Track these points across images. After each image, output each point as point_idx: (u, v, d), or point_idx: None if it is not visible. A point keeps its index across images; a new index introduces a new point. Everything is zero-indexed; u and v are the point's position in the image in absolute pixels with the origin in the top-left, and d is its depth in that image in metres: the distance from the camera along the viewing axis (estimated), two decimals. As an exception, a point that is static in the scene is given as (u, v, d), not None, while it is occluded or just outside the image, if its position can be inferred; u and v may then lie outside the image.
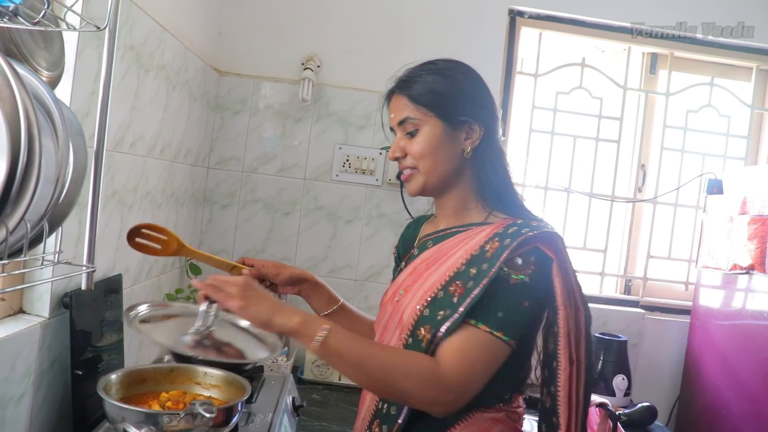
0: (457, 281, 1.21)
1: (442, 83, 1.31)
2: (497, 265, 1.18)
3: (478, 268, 1.20)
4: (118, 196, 1.76)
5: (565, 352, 1.21)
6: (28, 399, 1.38)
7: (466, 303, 1.17)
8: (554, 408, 1.22)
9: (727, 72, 2.99)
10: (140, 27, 1.76)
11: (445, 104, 1.30)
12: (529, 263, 1.20)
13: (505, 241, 1.20)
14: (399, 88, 1.35)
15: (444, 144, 1.30)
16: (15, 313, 1.44)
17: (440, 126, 1.29)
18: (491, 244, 1.22)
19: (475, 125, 1.31)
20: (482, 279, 1.18)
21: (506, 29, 2.80)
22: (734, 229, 2.48)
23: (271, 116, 2.72)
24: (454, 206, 1.36)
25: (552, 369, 1.24)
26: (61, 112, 0.96)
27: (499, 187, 1.33)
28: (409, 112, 1.31)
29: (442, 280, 1.24)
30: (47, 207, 0.95)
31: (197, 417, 1.24)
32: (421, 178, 1.32)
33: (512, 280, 1.19)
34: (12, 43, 1.01)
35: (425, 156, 1.30)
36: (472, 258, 1.23)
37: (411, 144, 1.31)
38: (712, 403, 2.56)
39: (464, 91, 1.32)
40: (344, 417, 2.14)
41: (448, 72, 1.33)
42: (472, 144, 1.31)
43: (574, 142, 2.93)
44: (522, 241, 1.19)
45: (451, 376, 1.15)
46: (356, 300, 2.76)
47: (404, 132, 1.32)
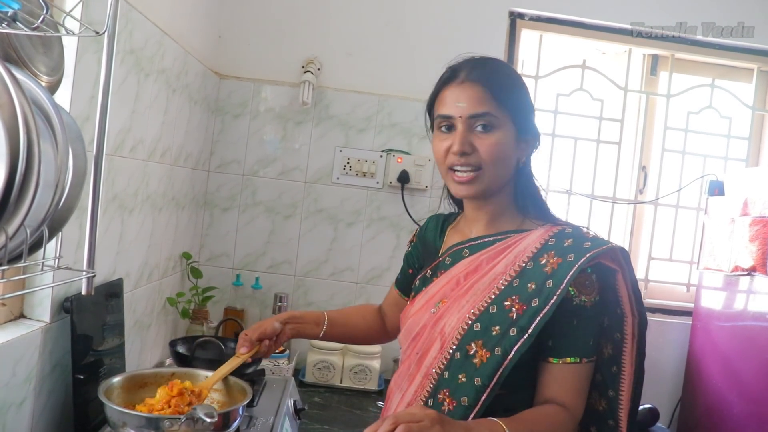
0: (513, 296, 1.20)
1: (518, 87, 1.29)
2: (564, 284, 1.16)
3: (540, 285, 1.18)
4: (118, 201, 1.76)
5: (630, 357, 1.24)
6: (29, 404, 1.38)
7: (536, 323, 1.16)
8: (612, 411, 1.24)
9: (728, 73, 2.98)
10: (140, 31, 1.76)
11: (521, 110, 1.27)
12: (594, 281, 1.21)
13: (567, 257, 1.19)
14: (477, 77, 1.25)
15: (512, 152, 1.27)
16: (16, 318, 1.44)
17: (513, 132, 1.26)
18: (548, 258, 1.20)
19: (531, 138, 1.30)
20: (550, 297, 1.16)
21: (507, 31, 2.80)
22: (736, 230, 2.47)
23: (271, 119, 2.72)
24: (492, 213, 1.33)
25: (611, 374, 1.25)
26: (60, 117, 0.96)
27: (535, 196, 1.33)
28: (489, 107, 1.23)
29: (490, 293, 1.22)
30: (47, 212, 0.95)
31: (198, 421, 1.23)
32: (485, 182, 1.26)
33: (587, 304, 1.20)
34: (11, 48, 1.01)
35: (495, 160, 1.24)
36: (525, 271, 1.21)
37: (483, 142, 1.24)
38: (714, 405, 2.56)
39: (529, 100, 1.31)
40: (346, 420, 2.14)
41: (516, 76, 1.32)
42: (526, 155, 1.30)
43: (574, 144, 2.93)
44: (589, 258, 1.18)
45: (579, 414, 1.21)
46: (358, 302, 2.75)
47: (471, 126, 1.25)
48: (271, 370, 2.29)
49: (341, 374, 2.48)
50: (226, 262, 2.73)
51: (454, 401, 1.21)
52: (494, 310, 1.20)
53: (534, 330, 1.15)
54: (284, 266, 2.75)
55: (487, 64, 1.29)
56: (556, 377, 1.20)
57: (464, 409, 1.18)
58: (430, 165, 2.71)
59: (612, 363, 1.25)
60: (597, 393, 1.27)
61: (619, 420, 1.24)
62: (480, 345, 1.19)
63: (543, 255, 1.21)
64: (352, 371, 2.47)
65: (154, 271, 2.14)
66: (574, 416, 1.19)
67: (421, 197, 2.75)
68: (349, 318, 1.62)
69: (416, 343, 1.31)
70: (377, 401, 2.35)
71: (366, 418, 2.18)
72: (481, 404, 1.17)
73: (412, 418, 1.01)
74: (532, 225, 1.30)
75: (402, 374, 1.35)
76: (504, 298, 1.20)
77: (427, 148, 2.69)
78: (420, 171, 2.71)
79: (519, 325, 1.17)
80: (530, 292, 1.18)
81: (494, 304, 1.21)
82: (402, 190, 2.71)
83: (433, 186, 2.73)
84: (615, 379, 1.25)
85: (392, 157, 2.72)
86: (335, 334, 1.58)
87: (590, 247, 1.19)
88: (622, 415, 1.24)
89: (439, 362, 1.24)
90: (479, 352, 1.19)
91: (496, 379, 1.17)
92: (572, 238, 1.22)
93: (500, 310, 1.20)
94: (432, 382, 1.25)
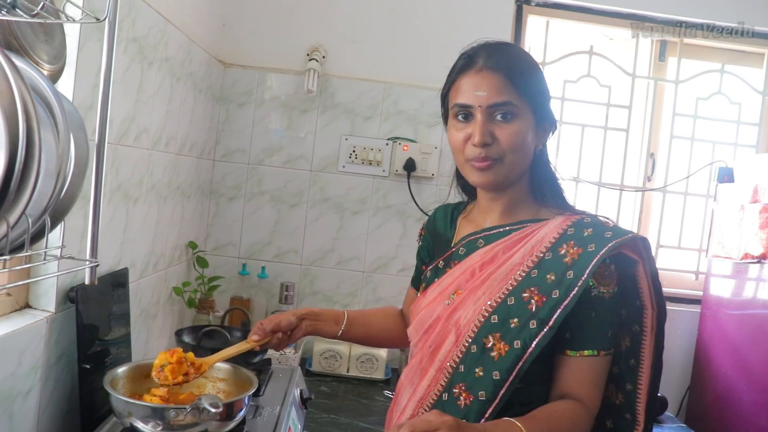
0: (531, 287, 1.17)
1: (536, 75, 1.26)
2: (585, 275, 1.13)
3: (560, 276, 1.15)
4: (123, 190, 1.75)
5: (648, 350, 1.22)
6: (35, 393, 1.38)
7: (556, 315, 1.13)
8: (630, 405, 1.23)
9: (738, 58, 2.95)
10: (143, 19, 1.74)
11: (539, 99, 1.25)
12: (613, 272, 1.19)
13: (588, 246, 1.16)
14: (500, 67, 1.21)
15: (530, 141, 1.24)
16: (21, 308, 1.43)
17: (532, 121, 1.23)
18: (567, 248, 1.17)
19: (549, 127, 1.28)
20: (571, 289, 1.14)
21: (513, 17, 2.77)
22: (745, 217, 2.45)
23: (276, 108, 2.71)
24: (507, 203, 1.30)
25: (628, 366, 1.23)
26: (61, 105, 0.95)
27: (553, 182, 1.31)
28: (509, 96, 1.20)
29: (507, 284, 1.20)
30: (49, 201, 0.94)
31: (203, 411, 1.23)
32: (504, 172, 1.24)
33: (606, 295, 1.18)
34: (12, 36, 1.00)
35: (515, 150, 1.22)
36: (543, 261, 1.19)
37: (504, 131, 1.21)
38: (723, 394, 2.55)
39: (546, 88, 1.29)
40: (353, 409, 2.14)
41: (534, 63, 1.28)
42: (542, 144, 1.28)
43: (582, 131, 2.90)
44: (611, 248, 1.15)
45: (595, 407, 1.18)
46: (364, 291, 2.75)
47: (490, 116, 1.21)
48: (277, 359, 2.29)
49: (348, 363, 2.48)
50: (232, 251, 2.73)
51: (471, 395, 1.18)
52: (512, 302, 1.18)
53: (555, 322, 1.13)
54: (290, 255, 2.74)
55: (504, 49, 1.26)
56: (573, 370, 1.18)
57: (482, 403, 1.16)
58: (436, 153, 2.69)
59: (630, 356, 1.23)
60: (614, 386, 1.25)
61: (636, 414, 1.22)
62: (498, 338, 1.17)
63: (562, 245, 1.19)
64: (359, 360, 2.47)
65: (160, 260, 2.13)
66: (590, 411, 1.17)
67: (428, 185, 2.73)
68: (369, 318, 1.58)
69: (429, 335, 1.28)
70: (384, 390, 2.35)
71: (373, 407, 2.18)
72: (499, 399, 1.15)
73: (429, 426, 0.99)
74: (548, 214, 1.27)
75: (413, 368, 1.32)
76: (522, 290, 1.18)
77: (434, 136, 2.69)
78: (426, 159, 2.70)
79: (539, 317, 1.14)
80: (550, 283, 1.16)
81: (512, 296, 1.18)
82: (408, 178, 2.70)
83: (440, 174, 2.71)
84: (633, 372, 1.23)
85: (398, 145, 2.70)
86: (354, 335, 1.53)
87: (611, 237, 1.16)
88: (640, 408, 1.22)
89: (454, 355, 1.22)
90: (497, 345, 1.16)
91: (515, 372, 1.14)
92: (592, 227, 1.20)
93: (518, 301, 1.17)
94: (446, 375, 1.23)
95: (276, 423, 1.58)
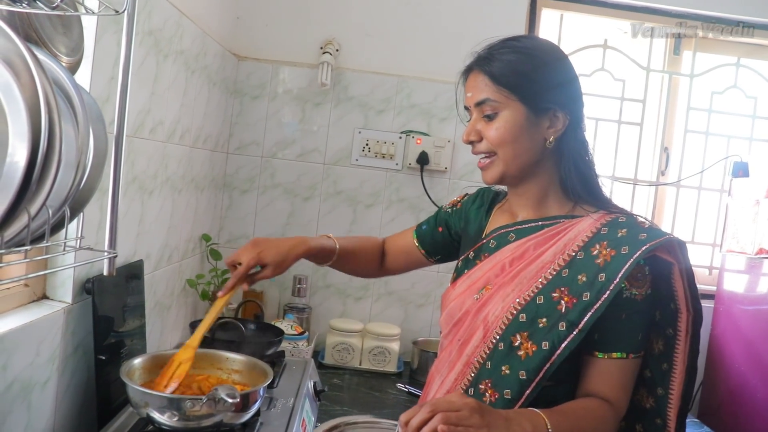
0: (561, 287, 1.16)
1: (527, 63, 1.21)
2: (618, 279, 1.12)
3: (592, 278, 1.14)
4: (138, 182, 1.76)
5: (682, 355, 1.19)
6: (53, 383, 1.39)
7: (586, 319, 1.12)
8: (660, 409, 1.21)
9: (754, 52, 2.92)
10: (158, 12, 1.75)
11: (530, 87, 1.20)
12: (647, 274, 1.17)
13: (621, 249, 1.14)
14: (478, 64, 1.24)
15: (525, 131, 1.21)
16: (39, 298, 1.45)
17: (522, 111, 1.20)
18: (600, 249, 1.16)
19: (560, 113, 1.22)
20: (602, 292, 1.12)
21: (527, 11, 2.76)
22: (760, 212, 2.43)
23: (290, 101, 2.71)
24: (534, 196, 1.28)
25: (661, 371, 1.21)
26: (81, 97, 0.96)
27: (583, 179, 1.25)
28: (489, 93, 1.21)
29: (537, 282, 1.18)
30: (68, 192, 0.95)
31: (219, 402, 1.24)
32: (500, 167, 1.23)
33: (638, 297, 1.16)
34: (31, 28, 1.01)
35: (504, 143, 1.21)
36: (575, 261, 1.17)
37: (489, 128, 1.22)
38: (737, 390, 2.53)
39: (551, 73, 1.23)
40: (365, 401, 2.15)
41: (534, 51, 1.23)
42: (556, 134, 1.22)
43: (596, 124, 2.88)
44: (645, 251, 1.12)
45: (623, 410, 1.18)
46: (376, 285, 2.75)
47: (481, 114, 1.23)
48: (290, 351, 2.30)
49: (360, 356, 2.49)
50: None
51: (496, 393, 1.18)
52: (541, 301, 1.16)
53: (585, 326, 1.12)
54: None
55: (493, 48, 1.25)
56: (601, 372, 1.17)
57: (507, 402, 1.16)
58: (449, 146, 2.69)
59: (663, 360, 1.21)
60: (645, 390, 1.24)
61: (667, 419, 1.20)
62: (525, 337, 1.16)
63: (595, 245, 1.17)
64: (371, 353, 2.47)
65: (174, 252, 2.14)
66: (617, 412, 1.16)
67: (441, 179, 2.73)
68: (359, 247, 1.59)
69: (458, 329, 1.28)
70: (396, 383, 2.36)
71: (385, 400, 2.19)
72: (525, 398, 1.15)
73: (451, 406, 0.99)
74: (583, 211, 1.24)
75: (443, 360, 1.32)
76: (552, 289, 1.16)
77: (447, 129, 2.69)
78: (439, 152, 2.69)
79: (568, 319, 1.13)
80: (581, 284, 1.14)
81: (541, 294, 1.17)
82: (421, 171, 2.70)
83: (453, 168, 2.71)
84: (665, 376, 1.21)
85: (411, 138, 2.70)
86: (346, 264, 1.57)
87: (646, 239, 1.13)
88: (671, 414, 1.20)
89: (481, 351, 1.21)
90: (524, 345, 1.16)
91: (542, 374, 1.14)
92: (626, 227, 1.17)
93: (548, 301, 1.16)
94: (473, 371, 1.23)
95: (290, 414, 1.59)
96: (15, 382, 1.25)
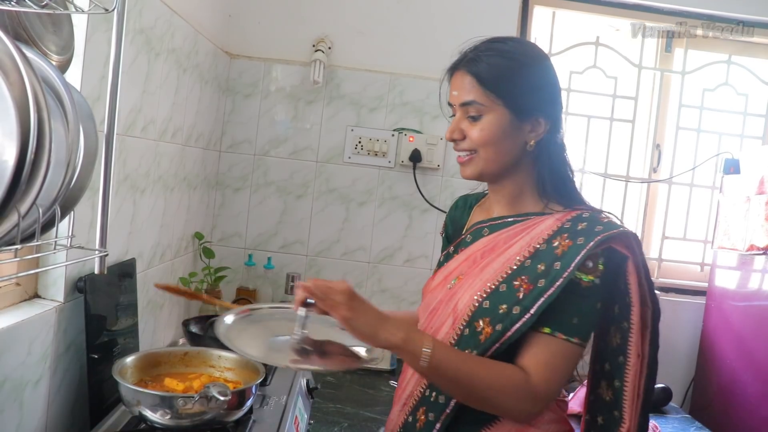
0: (522, 276, 1.19)
1: (515, 70, 1.24)
2: (572, 267, 1.14)
3: (548, 266, 1.17)
4: (130, 181, 1.76)
5: (636, 347, 1.21)
6: (45, 382, 1.39)
7: (539, 304, 1.14)
8: (617, 402, 1.22)
9: (746, 49, 2.93)
10: (149, 10, 1.75)
11: (516, 94, 1.23)
12: (599, 264, 1.18)
13: (578, 239, 1.17)
14: (465, 65, 1.26)
15: (508, 135, 1.24)
16: (30, 297, 1.44)
17: (507, 116, 1.23)
18: (560, 241, 1.19)
19: (542, 118, 1.25)
20: (556, 279, 1.15)
21: (519, 8, 2.76)
22: (751, 209, 2.45)
23: (282, 99, 2.71)
24: (510, 194, 1.31)
25: (617, 363, 1.23)
26: (70, 96, 0.96)
27: (558, 180, 1.29)
28: (475, 96, 1.23)
29: (503, 272, 1.21)
30: (59, 191, 0.95)
31: (212, 400, 1.24)
32: (480, 165, 1.26)
33: (584, 283, 1.17)
34: (20, 27, 1.00)
35: (487, 144, 1.24)
36: (537, 252, 1.20)
37: (473, 129, 1.24)
38: (728, 385, 2.55)
39: (535, 81, 1.26)
40: (358, 399, 2.15)
41: (521, 57, 1.26)
42: (536, 137, 1.25)
43: (588, 122, 2.90)
44: (599, 241, 1.15)
45: (542, 389, 1.16)
46: (370, 282, 2.76)
47: (466, 114, 1.25)
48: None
49: (353, 353, 2.48)
50: (239, 242, 2.74)
51: None
52: (504, 289, 1.20)
53: (537, 310, 1.15)
54: (296, 246, 2.75)
55: (482, 49, 1.27)
56: (530, 344, 1.17)
57: None
58: (441, 144, 2.69)
59: (619, 352, 1.23)
60: (605, 382, 1.26)
61: (623, 412, 1.21)
62: (487, 322, 1.19)
63: (556, 237, 1.20)
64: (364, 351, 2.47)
65: (167, 251, 2.14)
66: (530, 385, 1.15)
67: (433, 176, 2.73)
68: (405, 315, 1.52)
69: (432, 317, 1.31)
70: (390, 380, 2.36)
71: (378, 397, 2.19)
72: None
73: (327, 283, 1.13)
74: (553, 209, 1.27)
75: None
76: (514, 278, 1.19)
77: (439, 127, 2.69)
78: (432, 150, 2.70)
79: (523, 304, 1.16)
80: (539, 272, 1.17)
81: (504, 283, 1.20)
82: (414, 169, 2.70)
83: (445, 165, 2.72)
84: (621, 368, 1.22)
85: (404, 136, 2.70)
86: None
87: (601, 231, 1.17)
88: (626, 406, 1.21)
89: (450, 338, 1.24)
90: (485, 329, 1.19)
91: (489, 353, 1.17)
92: (587, 221, 1.20)
93: (509, 289, 1.19)
94: None
95: (283, 412, 1.60)
96: (6, 381, 1.25)
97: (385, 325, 1.13)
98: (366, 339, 1.14)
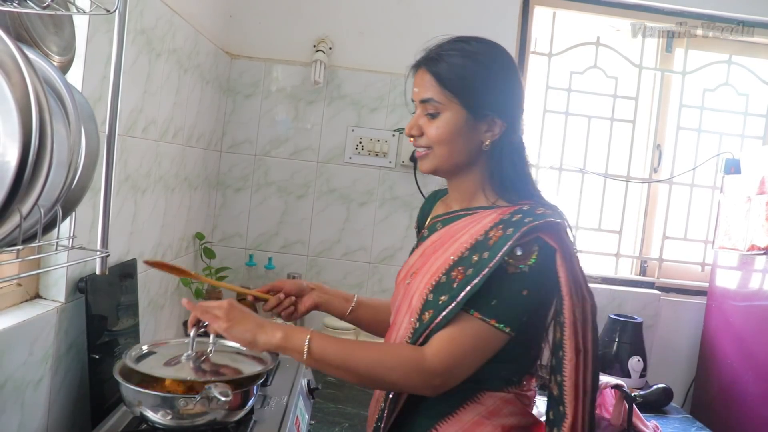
0: (460, 267, 1.21)
1: (474, 71, 1.26)
2: (498, 256, 1.16)
3: (480, 256, 1.19)
4: (131, 181, 1.76)
5: (571, 341, 1.20)
6: (46, 383, 1.39)
7: (465, 292, 1.16)
8: (561, 397, 1.21)
9: (746, 49, 2.93)
10: (150, 11, 1.75)
11: (473, 94, 1.25)
12: (529, 253, 1.18)
13: (508, 230, 1.18)
14: (428, 64, 1.29)
15: (463, 134, 1.26)
16: (32, 298, 1.45)
17: (463, 115, 1.25)
18: (495, 231, 1.20)
19: (498, 119, 1.26)
20: (483, 268, 1.16)
21: (519, 8, 2.77)
22: (752, 209, 2.45)
23: (283, 99, 2.72)
24: (466, 190, 1.34)
25: (558, 358, 1.22)
26: (72, 97, 0.96)
27: (513, 178, 1.29)
28: (433, 93, 1.26)
29: (446, 265, 1.23)
30: (60, 192, 0.95)
31: (213, 400, 1.24)
32: (435, 161, 1.30)
33: (510, 270, 1.17)
34: (22, 27, 1.00)
35: (442, 142, 1.27)
36: (476, 243, 1.22)
37: (430, 126, 1.27)
38: (729, 385, 2.55)
39: (494, 83, 1.27)
40: (359, 399, 2.15)
41: (482, 58, 1.27)
42: (492, 137, 1.27)
43: (588, 122, 2.90)
44: (525, 232, 1.16)
45: (434, 362, 1.17)
46: (370, 282, 2.76)
47: (424, 111, 1.28)
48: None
49: (354, 354, 2.48)
50: (239, 242, 2.74)
51: None
52: (444, 281, 1.22)
53: (462, 298, 1.16)
54: (297, 246, 2.76)
55: (443, 48, 1.30)
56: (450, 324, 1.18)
57: None
58: (442, 144, 2.69)
59: (560, 347, 1.22)
60: (553, 377, 1.26)
61: (565, 406, 1.21)
62: (430, 314, 1.21)
63: (493, 229, 1.21)
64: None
65: (168, 251, 2.14)
66: (424, 359, 1.17)
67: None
68: (377, 304, 1.58)
69: (397, 315, 1.33)
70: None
71: (379, 397, 2.19)
72: None
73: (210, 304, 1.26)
74: (502, 204, 1.29)
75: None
76: (453, 269, 1.21)
77: (440, 127, 2.68)
78: (432, 150, 2.69)
79: (452, 293, 1.18)
80: (472, 263, 1.19)
81: (445, 275, 1.22)
82: (414, 169, 2.70)
83: (446, 165, 2.71)
84: (561, 363, 1.21)
85: (405, 136, 2.70)
86: (362, 317, 1.55)
87: (529, 222, 1.17)
88: (567, 400, 1.20)
89: (408, 333, 1.26)
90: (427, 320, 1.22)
91: (419, 341, 1.20)
92: (522, 214, 1.21)
93: (448, 279, 1.21)
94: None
95: (284, 412, 1.60)
96: (8, 382, 1.25)
97: (263, 329, 1.21)
98: (246, 344, 1.23)
